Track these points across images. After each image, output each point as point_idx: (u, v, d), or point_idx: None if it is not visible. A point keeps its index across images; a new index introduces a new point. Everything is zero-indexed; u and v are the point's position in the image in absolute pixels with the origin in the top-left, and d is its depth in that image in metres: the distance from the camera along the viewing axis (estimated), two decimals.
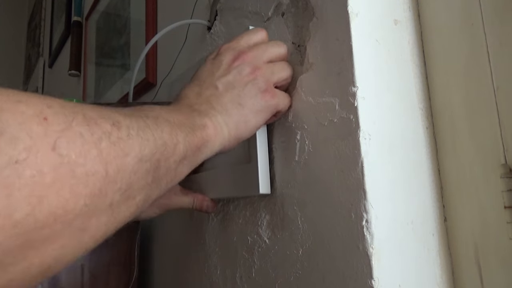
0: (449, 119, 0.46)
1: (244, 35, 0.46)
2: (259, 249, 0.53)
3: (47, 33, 2.48)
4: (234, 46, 0.45)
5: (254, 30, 0.48)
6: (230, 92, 0.42)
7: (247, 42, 0.46)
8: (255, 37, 0.47)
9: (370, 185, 0.40)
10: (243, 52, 0.44)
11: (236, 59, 0.43)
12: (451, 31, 0.46)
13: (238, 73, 0.43)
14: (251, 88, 0.42)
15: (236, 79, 0.42)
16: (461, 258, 0.44)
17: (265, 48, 0.45)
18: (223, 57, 0.44)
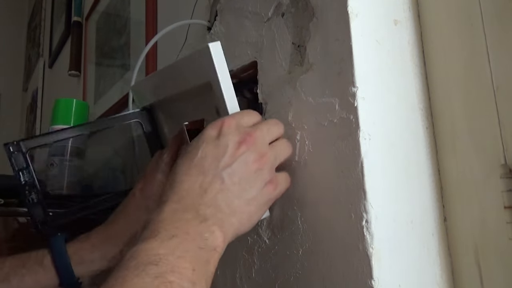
0: (449, 119, 0.46)
1: (245, 114, 0.43)
2: (259, 249, 0.53)
3: (47, 33, 2.48)
4: (238, 126, 0.41)
5: (252, 111, 0.45)
6: (237, 187, 0.39)
7: (248, 122, 0.43)
8: (254, 118, 0.44)
9: (370, 185, 0.40)
10: (248, 134, 0.40)
11: (242, 143, 0.40)
12: (451, 31, 0.46)
13: (245, 162, 0.39)
14: (256, 180, 0.40)
15: (242, 170, 0.39)
16: (461, 258, 0.44)
17: (267, 129, 0.43)
18: (228, 140, 0.40)
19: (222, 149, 0.39)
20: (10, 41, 3.27)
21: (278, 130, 0.45)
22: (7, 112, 3.20)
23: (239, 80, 0.67)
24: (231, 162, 0.39)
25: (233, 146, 0.39)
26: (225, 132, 0.40)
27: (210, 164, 0.39)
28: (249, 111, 0.45)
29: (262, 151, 0.41)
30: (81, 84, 1.61)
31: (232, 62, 0.63)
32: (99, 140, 0.80)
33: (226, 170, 0.38)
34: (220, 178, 0.38)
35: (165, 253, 0.32)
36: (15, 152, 0.55)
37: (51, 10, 2.38)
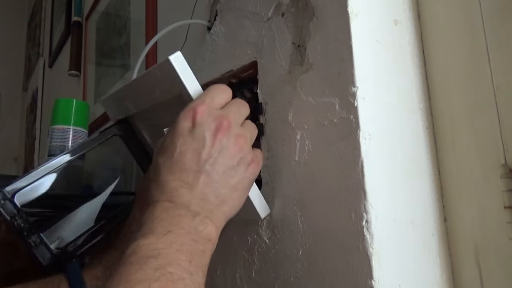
0: (449, 119, 0.46)
1: (215, 95, 0.41)
2: (259, 249, 0.53)
3: (47, 33, 2.48)
4: (210, 111, 0.40)
5: (221, 88, 0.43)
6: (223, 176, 0.39)
7: (219, 103, 0.41)
8: (224, 96, 0.42)
9: (370, 185, 0.40)
10: (223, 118, 0.39)
11: (218, 130, 0.39)
12: (451, 31, 0.46)
13: (226, 150, 0.39)
14: (240, 164, 0.40)
15: (225, 158, 0.39)
16: (461, 258, 0.44)
17: (238, 110, 0.42)
18: (204, 130, 0.39)
19: (200, 141, 0.38)
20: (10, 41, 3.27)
21: (246, 109, 0.44)
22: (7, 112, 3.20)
23: (239, 80, 0.67)
24: (212, 153, 0.38)
25: (210, 135, 0.38)
26: (199, 121, 0.39)
27: (191, 160, 0.38)
28: (217, 88, 0.43)
29: (238, 133, 0.40)
30: (81, 84, 1.61)
31: (232, 62, 0.63)
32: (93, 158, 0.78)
33: (209, 162, 0.38)
34: (204, 172, 0.38)
35: (163, 247, 0.33)
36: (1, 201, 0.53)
37: (51, 10, 2.38)
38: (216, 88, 0.42)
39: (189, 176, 0.38)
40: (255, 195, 0.48)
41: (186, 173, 0.38)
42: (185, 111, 0.40)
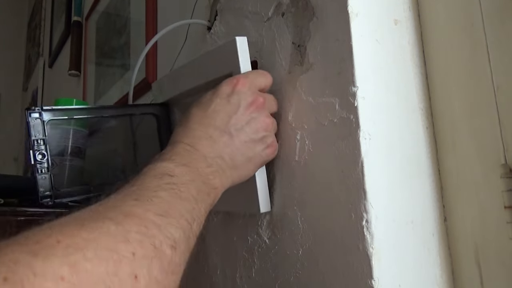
0: (449, 119, 0.46)
1: (258, 76, 0.46)
2: (259, 249, 0.53)
3: (47, 33, 2.48)
4: (250, 86, 0.44)
5: (265, 73, 0.48)
6: (243, 145, 0.42)
7: (260, 84, 0.46)
8: (265, 80, 0.47)
9: (370, 185, 0.40)
10: (260, 96, 0.44)
11: (253, 104, 0.43)
12: (451, 31, 0.46)
13: (254, 123, 0.43)
14: (261, 142, 0.43)
15: (250, 130, 0.43)
16: (461, 258, 0.44)
17: (271, 99, 0.47)
18: (240, 98, 0.43)
19: (234, 107, 0.42)
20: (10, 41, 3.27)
21: (276, 105, 0.49)
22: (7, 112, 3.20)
23: None
24: (241, 121, 0.42)
25: (245, 105, 0.42)
26: (238, 91, 0.43)
27: (222, 119, 0.42)
28: (262, 72, 0.47)
29: (268, 115, 0.45)
30: (81, 84, 1.61)
31: None
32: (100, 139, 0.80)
33: (236, 127, 0.41)
34: (228, 134, 0.41)
35: (178, 173, 0.36)
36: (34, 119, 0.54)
37: (51, 10, 2.38)
38: (260, 72, 0.47)
39: (215, 132, 0.41)
40: (262, 185, 0.48)
41: (213, 128, 0.41)
42: (229, 79, 0.44)
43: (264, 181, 0.48)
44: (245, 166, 0.43)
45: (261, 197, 0.48)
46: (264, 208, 0.49)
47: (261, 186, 0.48)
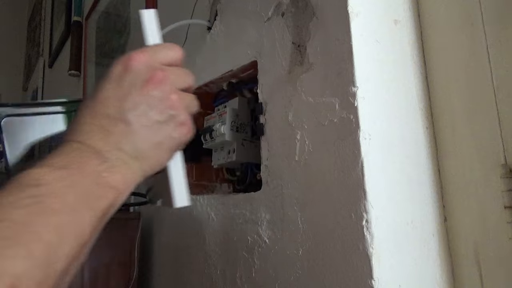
0: (449, 119, 0.46)
1: (160, 49, 0.39)
2: (259, 249, 0.53)
3: (47, 33, 2.48)
4: (148, 62, 0.37)
5: (171, 46, 0.40)
6: (146, 130, 0.36)
7: (164, 58, 0.38)
8: (173, 54, 0.39)
9: (370, 185, 0.40)
10: (159, 70, 0.36)
11: (149, 81, 0.36)
12: (451, 31, 0.46)
13: (155, 103, 0.36)
14: (170, 124, 0.37)
15: (152, 112, 0.36)
16: (461, 258, 0.44)
17: (180, 73, 0.39)
18: (134, 78, 0.36)
19: (126, 88, 0.36)
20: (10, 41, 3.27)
21: (191, 79, 0.40)
22: None
23: (239, 80, 0.67)
24: (138, 103, 0.35)
25: (140, 84, 0.36)
26: (131, 68, 0.36)
27: (114, 105, 0.36)
28: (167, 44, 0.40)
29: (174, 91, 0.37)
30: (81, 84, 1.61)
31: (232, 62, 0.63)
32: None
33: (132, 112, 0.35)
34: (124, 120, 0.35)
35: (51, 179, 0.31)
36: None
37: (51, 10, 2.38)
38: (165, 45, 0.39)
39: (109, 122, 0.35)
40: (176, 175, 0.41)
41: (107, 119, 0.35)
42: (122, 57, 0.37)
43: (179, 169, 0.41)
44: (155, 153, 0.37)
45: (176, 188, 0.41)
46: (179, 201, 0.41)
47: (175, 176, 0.41)
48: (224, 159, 0.64)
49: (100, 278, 0.75)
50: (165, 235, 0.81)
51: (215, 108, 0.68)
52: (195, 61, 0.73)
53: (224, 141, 0.63)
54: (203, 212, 0.66)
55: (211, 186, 0.77)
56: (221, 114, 0.64)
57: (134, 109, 0.35)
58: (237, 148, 0.62)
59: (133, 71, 0.36)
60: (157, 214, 0.84)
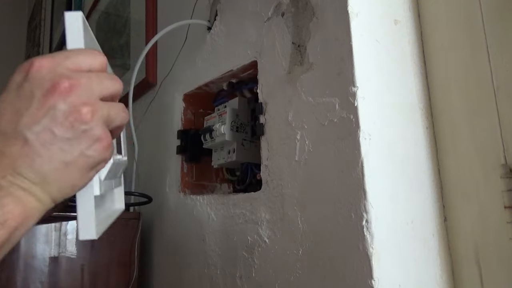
0: (449, 119, 0.46)
1: (75, 53, 0.32)
2: (259, 249, 0.53)
3: (47, 33, 2.48)
4: (53, 68, 0.31)
5: (92, 51, 0.34)
6: (50, 149, 0.30)
7: (76, 64, 0.32)
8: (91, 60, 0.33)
9: (370, 185, 0.40)
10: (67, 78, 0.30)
11: (52, 90, 0.30)
12: (451, 31, 0.46)
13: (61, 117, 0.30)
14: (80, 138, 0.30)
15: (58, 127, 0.30)
16: (461, 258, 0.44)
17: (98, 79, 0.32)
18: (34, 87, 0.30)
19: (25, 101, 0.30)
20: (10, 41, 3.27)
21: (114, 86, 0.34)
22: None
23: (239, 80, 0.67)
24: (39, 118, 0.29)
25: (41, 95, 0.30)
26: (32, 76, 0.30)
27: (9, 122, 0.30)
28: (86, 50, 0.33)
29: (86, 102, 0.30)
30: None
31: (232, 62, 0.63)
32: None
33: (31, 128, 0.29)
34: (22, 139, 0.29)
35: None
36: None
37: (51, 10, 2.38)
38: (82, 49, 0.33)
39: (4, 142, 0.30)
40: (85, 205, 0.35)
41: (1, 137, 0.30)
42: (23, 63, 0.31)
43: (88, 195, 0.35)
44: (63, 174, 0.31)
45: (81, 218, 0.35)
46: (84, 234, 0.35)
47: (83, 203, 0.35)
48: (224, 159, 0.64)
49: (100, 278, 0.75)
50: (165, 235, 0.81)
51: (215, 108, 0.69)
52: (195, 61, 0.73)
53: (224, 141, 0.63)
54: (203, 212, 0.66)
55: (211, 186, 0.77)
56: (221, 114, 0.64)
57: (33, 124, 0.29)
58: (237, 148, 0.62)
59: (33, 79, 0.30)
60: (157, 214, 0.84)
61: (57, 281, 0.70)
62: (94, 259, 0.75)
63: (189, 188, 0.75)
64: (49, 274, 0.70)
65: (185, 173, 0.75)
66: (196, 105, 0.78)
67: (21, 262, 0.67)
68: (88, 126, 0.31)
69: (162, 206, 0.80)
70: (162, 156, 0.82)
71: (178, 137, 0.75)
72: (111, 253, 0.77)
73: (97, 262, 0.75)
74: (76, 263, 0.73)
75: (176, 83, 0.79)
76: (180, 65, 0.80)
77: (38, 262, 0.69)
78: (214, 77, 0.67)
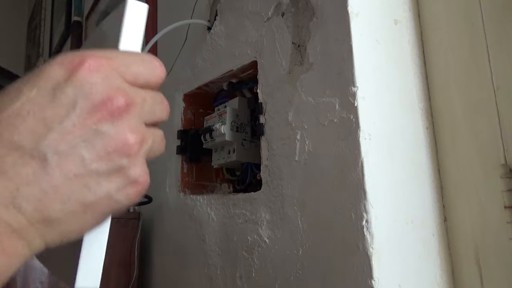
0: (449, 119, 0.46)
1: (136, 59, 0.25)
2: (259, 249, 0.53)
3: (47, 33, 2.48)
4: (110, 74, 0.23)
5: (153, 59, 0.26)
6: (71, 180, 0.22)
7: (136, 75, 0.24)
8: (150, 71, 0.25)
9: (370, 185, 0.40)
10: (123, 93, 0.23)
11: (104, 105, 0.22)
12: (451, 31, 0.46)
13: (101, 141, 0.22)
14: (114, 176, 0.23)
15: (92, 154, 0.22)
16: (461, 258, 0.44)
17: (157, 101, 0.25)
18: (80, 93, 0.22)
19: (62, 108, 0.22)
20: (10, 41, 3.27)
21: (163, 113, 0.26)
22: None
23: (239, 80, 0.67)
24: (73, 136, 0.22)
25: (87, 106, 0.22)
26: (80, 79, 0.22)
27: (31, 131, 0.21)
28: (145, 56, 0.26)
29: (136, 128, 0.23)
30: None
31: (232, 62, 0.63)
32: None
33: (57, 148, 0.21)
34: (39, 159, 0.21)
35: None
36: None
37: (51, 10, 2.39)
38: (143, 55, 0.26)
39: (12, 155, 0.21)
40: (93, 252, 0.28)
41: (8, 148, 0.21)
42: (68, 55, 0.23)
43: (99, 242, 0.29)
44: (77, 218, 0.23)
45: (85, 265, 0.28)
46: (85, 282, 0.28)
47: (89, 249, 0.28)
48: (224, 159, 0.64)
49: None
50: (165, 235, 0.81)
51: (215, 108, 0.69)
52: (195, 61, 0.73)
53: (224, 141, 0.63)
54: (203, 212, 0.66)
55: (211, 186, 0.77)
56: (221, 114, 0.64)
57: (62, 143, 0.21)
58: (237, 148, 0.62)
59: (81, 84, 0.22)
60: (157, 214, 0.84)
61: (57, 281, 0.70)
62: None
63: (189, 188, 0.75)
64: (49, 274, 0.70)
65: (185, 173, 0.75)
66: (196, 105, 0.78)
67: None
68: (129, 161, 0.23)
69: (162, 206, 0.80)
70: (162, 156, 0.82)
71: (178, 137, 0.76)
72: (111, 253, 0.77)
73: None
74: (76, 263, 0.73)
75: (176, 83, 0.79)
76: (180, 65, 0.80)
77: (38, 262, 0.69)
78: (214, 77, 0.67)
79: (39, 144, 0.21)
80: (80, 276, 0.27)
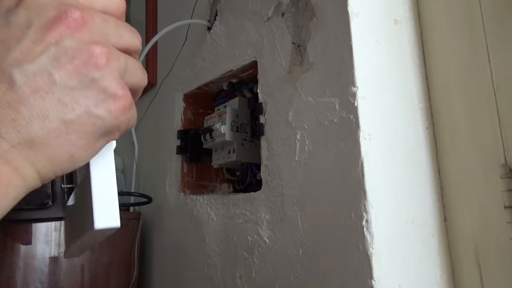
0: (449, 119, 0.46)
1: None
2: (259, 249, 0.53)
3: None
4: None
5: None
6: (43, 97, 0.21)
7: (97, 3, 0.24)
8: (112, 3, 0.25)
9: (370, 185, 0.40)
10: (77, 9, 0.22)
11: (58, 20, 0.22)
12: (451, 31, 0.46)
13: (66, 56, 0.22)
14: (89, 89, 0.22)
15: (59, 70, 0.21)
16: (461, 258, 0.44)
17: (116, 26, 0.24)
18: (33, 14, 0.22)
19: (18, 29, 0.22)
20: None
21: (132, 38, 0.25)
22: None
23: (239, 80, 0.67)
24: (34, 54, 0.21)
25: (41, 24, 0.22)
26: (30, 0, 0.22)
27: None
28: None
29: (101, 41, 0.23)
30: None
31: (232, 62, 0.63)
32: None
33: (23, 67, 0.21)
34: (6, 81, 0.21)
35: None
36: None
37: None
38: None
39: None
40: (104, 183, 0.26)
41: None
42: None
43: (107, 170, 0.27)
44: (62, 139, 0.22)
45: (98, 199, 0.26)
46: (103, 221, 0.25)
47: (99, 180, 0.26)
48: (224, 159, 0.64)
49: (100, 278, 0.75)
50: (165, 235, 0.81)
51: (215, 108, 0.69)
52: (195, 61, 0.73)
53: (224, 141, 0.63)
54: (203, 212, 0.66)
55: (211, 186, 0.77)
56: (221, 114, 0.64)
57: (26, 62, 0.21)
58: (237, 148, 0.62)
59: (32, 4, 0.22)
60: (157, 214, 0.84)
61: (57, 281, 0.70)
62: (94, 259, 0.75)
63: (189, 188, 0.75)
64: (49, 274, 0.70)
65: (185, 173, 0.75)
66: (196, 105, 0.78)
67: (21, 262, 0.67)
68: (100, 73, 0.22)
69: (162, 206, 0.80)
70: (162, 156, 0.82)
71: (178, 137, 0.76)
72: (111, 253, 0.77)
73: (97, 262, 0.75)
74: (76, 263, 0.73)
75: (176, 83, 0.79)
76: (180, 65, 0.80)
77: (38, 262, 0.69)
78: (214, 77, 0.67)
79: (1, 64, 0.21)
80: (97, 215, 0.25)
